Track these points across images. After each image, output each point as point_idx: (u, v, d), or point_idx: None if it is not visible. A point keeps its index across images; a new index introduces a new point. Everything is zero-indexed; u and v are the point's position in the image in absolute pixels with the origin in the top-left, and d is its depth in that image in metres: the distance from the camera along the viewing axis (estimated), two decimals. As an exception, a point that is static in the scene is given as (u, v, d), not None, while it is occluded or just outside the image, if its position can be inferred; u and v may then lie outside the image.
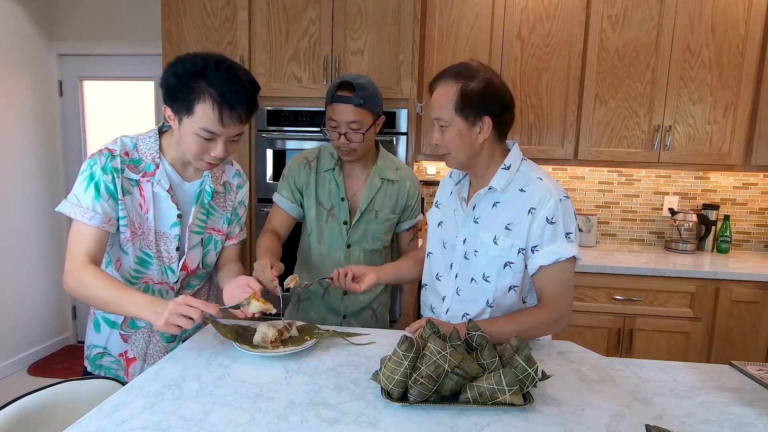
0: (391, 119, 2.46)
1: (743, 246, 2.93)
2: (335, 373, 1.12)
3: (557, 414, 0.97)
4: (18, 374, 3.22)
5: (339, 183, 1.63)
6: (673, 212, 2.81)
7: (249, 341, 1.23)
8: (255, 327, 1.27)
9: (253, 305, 1.21)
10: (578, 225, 1.30)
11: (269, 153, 2.60)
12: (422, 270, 1.51)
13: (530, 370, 0.98)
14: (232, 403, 0.97)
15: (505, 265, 1.27)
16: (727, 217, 2.79)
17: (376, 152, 1.69)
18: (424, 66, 2.65)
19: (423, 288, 1.50)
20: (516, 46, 2.62)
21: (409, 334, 1.17)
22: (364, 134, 1.53)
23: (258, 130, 2.58)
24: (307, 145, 2.56)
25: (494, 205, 1.29)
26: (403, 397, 0.98)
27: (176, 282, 1.35)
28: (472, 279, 1.32)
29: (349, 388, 1.05)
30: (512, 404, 0.96)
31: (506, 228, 1.26)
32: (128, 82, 3.45)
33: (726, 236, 2.78)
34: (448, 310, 1.38)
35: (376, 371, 1.04)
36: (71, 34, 3.37)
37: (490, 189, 1.28)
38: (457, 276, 1.35)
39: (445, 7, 2.63)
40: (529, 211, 1.24)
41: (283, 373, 1.11)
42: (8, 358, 3.20)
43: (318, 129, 2.51)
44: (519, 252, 1.25)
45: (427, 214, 1.52)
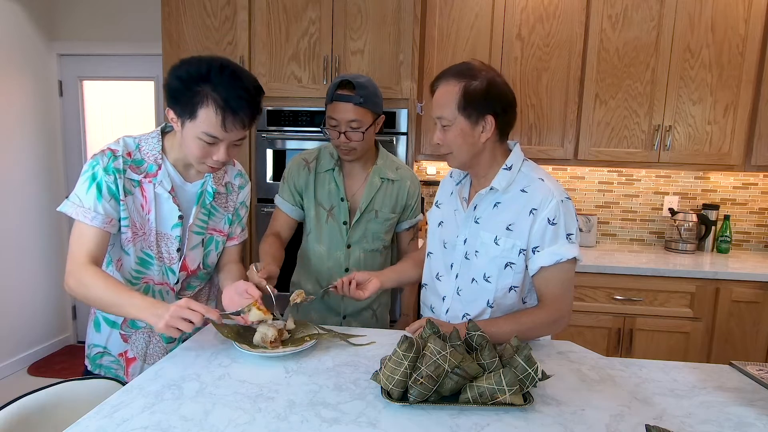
0: (391, 119, 2.46)
1: (743, 246, 2.93)
2: (335, 373, 1.12)
3: (557, 414, 0.97)
4: (18, 374, 3.22)
5: (338, 183, 1.63)
6: (673, 212, 2.81)
7: (249, 341, 1.24)
8: (255, 327, 1.27)
9: (253, 313, 1.22)
10: (579, 226, 1.30)
11: (269, 153, 2.60)
12: (423, 271, 1.51)
13: (530, 370, 0.98)
14: (232, 403, 0.97)
15: (506, 265, 1.27)
16: (727, 217, 2.79)
17: (376, 152, 1.69)
18: (424, 66, 2.65)
19: (423, 288, 1.50)
20: (516, 46, 2.62)
21: (409, 334, 1.17)
22: (363, 133, 1.53)
23: (258, 130, 2.57)
24: (308, 145, 2.56)
25: (495, 205, 1.29)
26: (403, 397, 0.98)
27: (177, 283, 1.35)
28: (473, 279, 1.32)
29: (349, 388, 1.05)
30: (512, 404, 0.96)
31: (507, 228, 1.26)
32: (128, 82, 3.45)
33: (726, 236, 2.78)
34: (448, 310, 1.38)
35: (376, 371, 1.04)
36: (71, 34, 3.37)
37: (491, 189, 1.28)
38: (457, 276, 1.35)
39: (445, 7, 2.63)
40: (531, 211, 1.24)
41: (283, 373, 1.11)
42: (8, 358, 3.20)
43: (318, 129, 2.51)
44: (520, 252, 1.25)
45: (428, 214, 1.52)
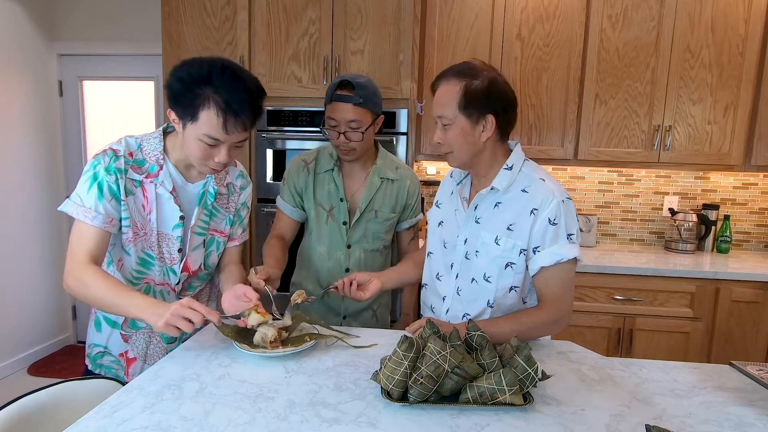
0: (391, 119, 2.46)
1: (743, 246, 2.93)
2: (335, 373, 1.12)
3: (557, 414, 0.97)
4: (18, 374, 3.22)
5: (338, 183, 1.63)
6: (673, 212, 2.81)
7: (249, 341, 1.24)
8: (256, 329, 1.27)
9: (253, 317, 1.22)
10: (579, 226, 1.30)
11: (269, 153, 2.60)
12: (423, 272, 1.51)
13: (530, 370, 0.98)
14: (232, 403, 0.97)
15: (507, 265, 1.27)
16: (727, 217, 2.79)
17: (376, 152, 1.69)
18: (424, 66, 2.65)
19: (423, 288, 1.50)
20: (516, 46, 2.62)
21: (409, 334, 1.17)
22: (363, 133, 1.53)
23: (258, 130, 2.57)
24: (308, 145, 2.56)
25: (496, 205, 1.29)
26: (403, 397, 0.98)
27: (177, 283, 1.35)
28: (473, 279, 1.32)
29: (349, 388, 1.05)
30: (512, 404, 0.96)
31: (508, 228, 1.26)
32: (128, 82, 3.45)
33: (726, 236, 2.78)
34: (448, 310, 1.37)
35: (376, 371, 1.04)
36: (71, 34, 3.37)
37: (492, 189, 1.28)
38: (457, 276, 1.35)
39: (445, 7, 2.63)
40: (531, 211, 1.24)
41: (283, 373, 1.11)
42: (8, 358, 3.20)
43: (318, 129, 2.51)
44: (520, 252, 1.25)
45: (428, 214, 1.52)
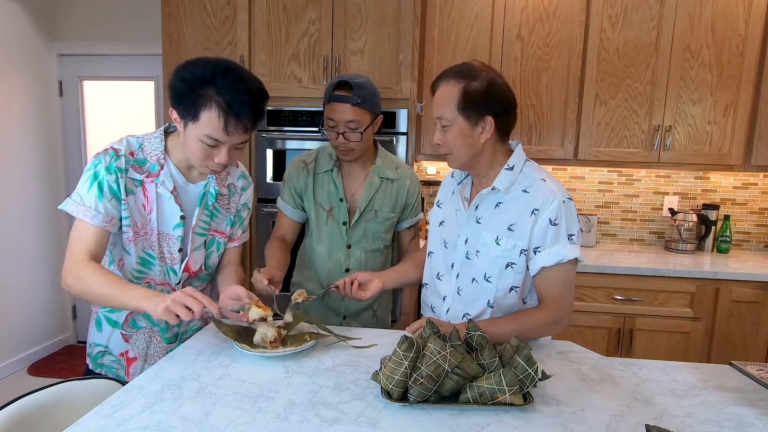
0: (391, 119, 2.46)
1: (743, 246, 2.93)
2: (335, 373, 1.12)
3: (557, 414, 0.97)
4: (18, 374, 3.21)
5: (337, 184, 1.63)
6: (673, 212, 2.81)
7: (249, 341, 1.24)
8: (255, 327, 1.27)
9: (253, 311, 1.22)
10: (580, 226, 1.30)
11: (269, 153, 2.60)
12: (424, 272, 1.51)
13: (530, 370, 0.98)
14: (232, 403, 0.97)
15: (507, 265, 1.27)
16: (727, 217, 2.79)
17: (375, 152, 1.69)
18: (424, 66, 2.65)
19: (424, 287, 1.50)
20: (516, 46, 2.62)
21: (409, 334, 1.17)
22: (362, 133, 1.53)
23: (258, 131, 2.57)
24: (308, 145, 2.56)
25: (497, 205, 1.29)
26: (403, 397, 0.98)
27: (178, 283, 1.35)
28: (474, 279, 1.32)
29: (349, 388, 1.05)
30: (512, 404, 0.96)
31: (509, 229, 1.26)
32: (128, 82, 3.45)
33: (726, 236, 2.78)
34: (448, 310, 1.37)
35: (376, 371, 1.04)
36: (71, 34, 3.37)
37: (493, 189, 1.28)
38: (458, 276, 1.35)
39: (445, 7, 2.63)
40: (532, 212, 1.24)
41: (283, 373, 1.11)
42: (8, 358, 3.19)
43: (318, 129, 2.51)
44: (521, 253, 1.25)
45: (429, 214, 1.52)
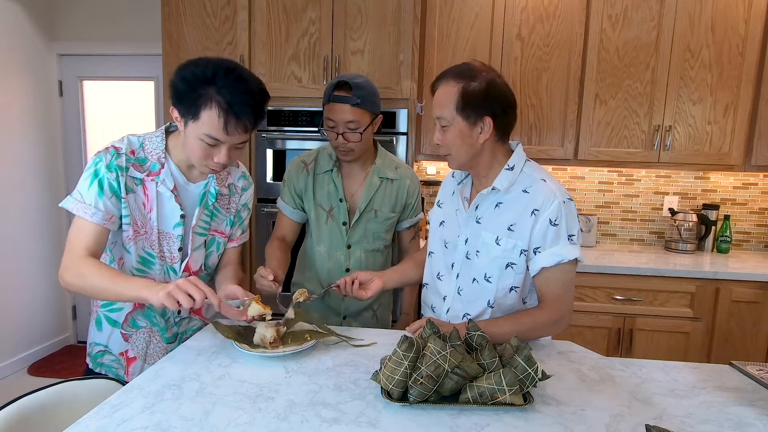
0: (391, 119, 2.46)
1: (743, 246, 2.93)
2: (335, 373, 1.12)
3: (557, 414, 0.97)
4: (18, 374, 3.21)
5: (337, 184, 1.63)
6: (673, 212, 2.81)
7: (249, 341, 1.24)
8: (255, 326, 1.27)
9: (253, 308, 1.22)
10: (580, 227, 1.30)
11: (269, 153, 2.60)
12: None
13: (530, 370, 0.98)
14: (232, 403, 0.97)
15: (507, 265, 1.27)
16: (727, 217, 2.79)
17: (375, 151, 1.69)
18: (424, 66, 2.65)
19: (424, 287, 1.50)
20: (516, 46, 2.62)
21: (409, 334, 1.17)
22: (361, 134, 1.52)
23: (258, 131, 2.57)
24: (308, 145, 2.56)
25: (497, 205, 1.29)
26: (403, 397, 0.98)
27: None
28: (474, 279, 1.32)
29: (349, 388, 1.05)
30: (512, 404, 0.96)
31: (509, 229, 1.26)
32: (128, 82, 3.45)
33: (726, 236, 2.78)
34: (448, 310, 1.38)
35: (376, 371, 1.04)
36: (71, 34, 3.37)
37: (493, 189, 1.28)
38: (458, 276, 1.35)
39: (445, 7, 2.63)
40: (532, 212, 1.24)
41: (283, 373, 1.11)
42: (8, 358, 3.19)
43: (317, 129, 2.51)
44: (521, 253, 1.25)
45: (429, 214, 1.52)
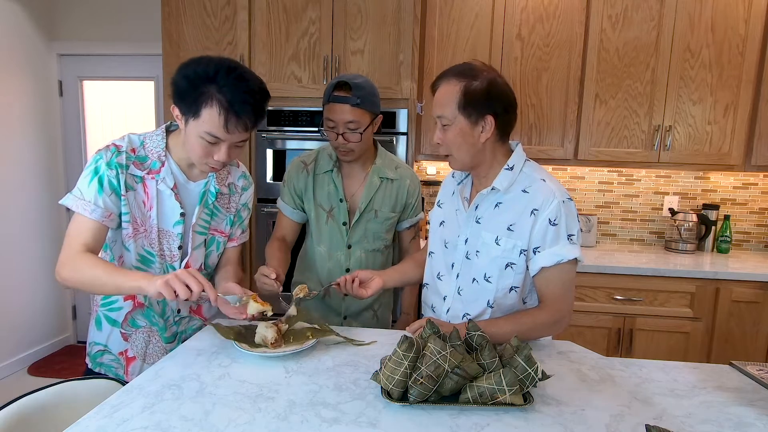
0: (391, 119, 2.46)
1: (743, 246, 2.93)
2: (335, 373, 1.12)
3: (557, 414, 0.97)
4: (18, 374, 3.21)
5: (337, 184, 1.63)
6: (673, 212, 2.81)
7: (249, 341, 1.23)
8: (255, 325, 1.27)
9: (252, 306, 1.22)
10: (580, 226, 1.30)
11: (269, 153, 2.60)
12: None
13: (530, 370, 0.98)
14: (232, 403, 0.97)
15: (507, 265, 1.27)
16: (727, 217, 2.79)
17: (375, 152, 1.69)
18: (424, 66, 2.65)
19: (424, 287, 1.50)
20: (516, 46, 2.62)
21: (409, 334, 1.17)
22: (361, 134, 1.52)
23: (258, 130, 2.57)
24: (308, 145, 2.56)
25: (497, 205, 1.29)
26: (403, 397, 0.98)
27: None
28: (474, 279, 1.32)
29: (349, 388, 1.05)
30: (512, 404, 0.96)
31: (508, 229, 1.26)
32: (128, 82, 3.45)
33: (726, 236, 2.78)
34: (449, 310, 1.38)
35: (376, 371, 1.04)
36: (71, 34, 3.37)
37: (492, 189, 1.28)
38: (458, 276, 1.35)
39: (445, 7, 2.63)
40: (532, 212, 1.24)
41: (283, 373, 1.11)
42: (8, 358, 3.19)
43: (317, 129, 2.51)
44: (521, 253, 1.25)
45: (429, 214, 1.52)
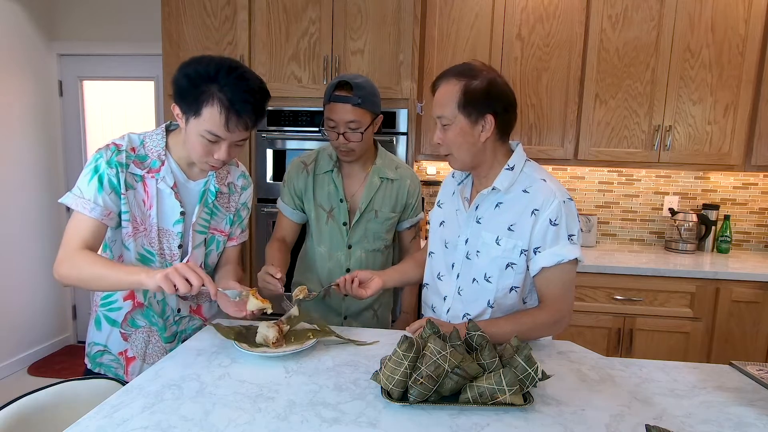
0: (391, 119, 2.46)
1: (743, 246, 2.93)
2: (335, 373, 1.12)
3: (557, 414, 0.97)
4: (18, 374, 3.21)
5: (337, 184, 1.63)
6: (673, 212, 2.81)
7: (249, 341, 1.23)
8: (256, 325, 1.27)
9: (252, 303, 1.21)
10: (580, 227, 1.30)
11: (269, 153, 2.60)
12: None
13: (530, 370, 0.98)
14: (232, 403, 0.97)
15: (507, 265, 1.27)
16: (727, 217, 2.79)
17: (375, 152, 1.69)
18: (424, 66, 2.65)
19: (424, 287, 1.50)
20: (516, 46, 2.62)
21: (409, 334, 1.17)
22: (362, 134, 1.52)
23: (258, 130, 2.57)
24: (308, 145, 2.56)
25: (497, 205, 1.29)
26: (403, 397, 0.98)
27: None
28: (474, 279, 1.32)
29: (349, 388, 1.05)
30: (512, 404, 0.96)
31: (509, 229, 1.26)
32: (128, 82, 3.45)
33: (726, 236, 2.78)
34: (449, 310, 1.38)
35: (376, 371, 1.04)
36: (71, 34, 3.37)
37: (493, 189, 1.28)
38: (458, 276, 1.35)
39: (445, 7, 2.63)
40: (532, 212, 1.24)
41: (283, 373, 1.11)
42: (8, 358, 3.19)
43: (318, 129, 2.51)
44: (521, 253, 1.25)
45: (429, 214, 1.52)
